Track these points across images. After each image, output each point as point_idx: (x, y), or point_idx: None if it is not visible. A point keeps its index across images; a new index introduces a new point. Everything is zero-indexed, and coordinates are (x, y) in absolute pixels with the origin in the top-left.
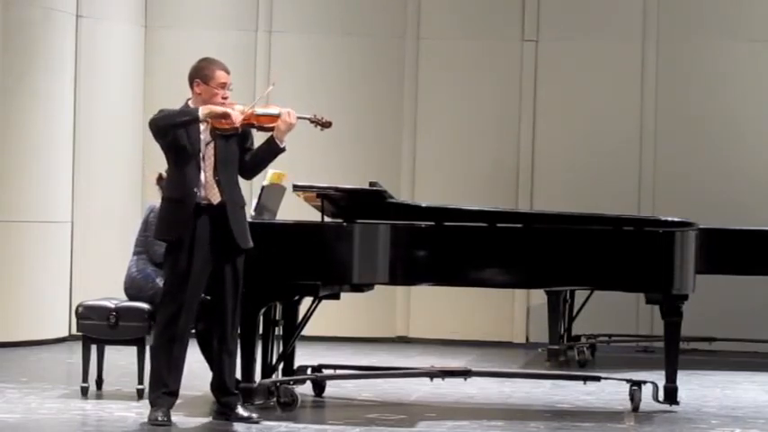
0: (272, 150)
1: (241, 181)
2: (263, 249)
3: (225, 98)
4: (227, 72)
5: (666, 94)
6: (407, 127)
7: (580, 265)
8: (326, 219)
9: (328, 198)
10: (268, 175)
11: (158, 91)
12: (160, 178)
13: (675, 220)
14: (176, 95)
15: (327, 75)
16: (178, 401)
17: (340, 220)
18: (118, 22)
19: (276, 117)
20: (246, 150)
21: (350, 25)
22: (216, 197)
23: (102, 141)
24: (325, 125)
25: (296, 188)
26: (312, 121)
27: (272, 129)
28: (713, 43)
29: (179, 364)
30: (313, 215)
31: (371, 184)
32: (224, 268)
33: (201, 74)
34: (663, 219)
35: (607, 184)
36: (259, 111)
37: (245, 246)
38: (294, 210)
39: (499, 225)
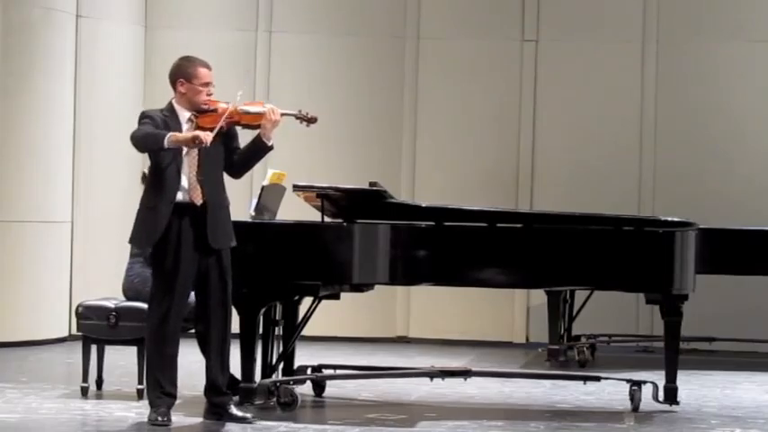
0: (258, 149)
1: (242, 181)
2: (264, 249)
3: (209, 95)
4: (210, 69)
5: (666, 95)
6: (407, 127)
7: (580, 265)
8: (326, 219)
9: (328, 198)
10: (268, 176)
11: (158, 91)
12: (144, 177)
13: (675, 220)
14: None
15: (327, 75)
16: (177, 401)
17: (340, 221)
18: (118, 23)
19: (260, 115)
20: (233, 150)
21: (350, 25)
22: (198, 198)
23: (102, 141)
24: (311, 121)
25: (296, 188)
26: (297, 117)
27: (256, 127)
28: (713, 43)
29: (172, 364)
30: (313, 215)
31: (371, 184)
32: (208, 268)
33: (185, 72)
34: (663, 219)
35: (607, 184)
36: (243, 108)
37: (219, 246)
38: (294, 210)
39: (499, 225)
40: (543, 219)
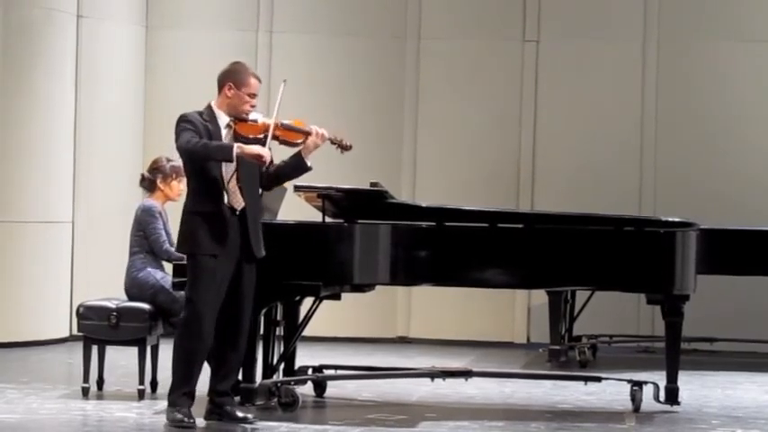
0: (299, 167)
1: None
2: (265, 250)
3: (253, 106)
4: (260, 81)
5: (667, 95)
6: (408, 127)
7: (581, 265)
8: (327, 219)
9: (329, 198)
10: None
11: (159, 91)
12: (143, 179)
13: (676, 220)
14: (177, 95)
15: (328, 75)
16: None
17: (341, 221)
18: (119, 23)
19: (306, 134)
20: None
21: (350, 25)
22: (239, 203)
23: (103, 141)
24: (347, 148)
25: (297, 189)
26: (333, 142)
27: (296, 145)
28: (713, 43)
29: (200, 366)
30: (314, 215)
31: (372, 184)
32: (243, 273)
33: (236, 78)
34: (664, 219)
35: (608, 184)
36: (286, 124)
37: (259, 254)
38: (295, 210)
39: (500, 225)
40: (544, 219)
